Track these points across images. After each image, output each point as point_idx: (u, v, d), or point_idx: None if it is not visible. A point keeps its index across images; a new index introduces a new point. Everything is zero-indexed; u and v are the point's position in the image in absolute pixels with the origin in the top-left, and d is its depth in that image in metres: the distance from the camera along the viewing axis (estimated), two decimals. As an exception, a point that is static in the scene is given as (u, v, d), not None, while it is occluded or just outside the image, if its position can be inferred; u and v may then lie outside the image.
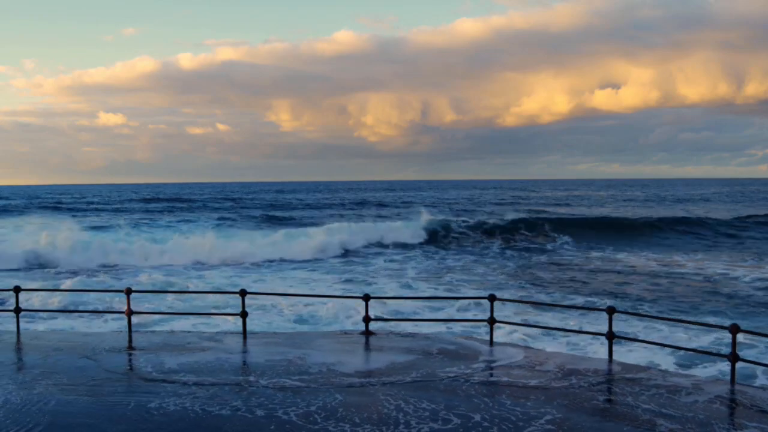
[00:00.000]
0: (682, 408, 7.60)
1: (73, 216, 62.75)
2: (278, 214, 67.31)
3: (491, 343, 10.99)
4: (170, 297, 21.48)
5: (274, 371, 9.22)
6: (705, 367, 14.09)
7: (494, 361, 9.93)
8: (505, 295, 22.15)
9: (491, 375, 9.11)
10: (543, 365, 9.55)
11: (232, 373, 9.26)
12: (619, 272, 29.78)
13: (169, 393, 8.23)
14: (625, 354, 13.55)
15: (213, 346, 11.00)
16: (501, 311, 18.60)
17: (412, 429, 6.90)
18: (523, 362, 9.74)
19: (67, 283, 26.06)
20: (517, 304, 20.29)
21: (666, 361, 14.07)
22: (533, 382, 8.65)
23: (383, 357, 10.09)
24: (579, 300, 22.70)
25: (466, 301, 20.65)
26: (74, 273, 30.23)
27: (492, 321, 11.05)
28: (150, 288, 24.95)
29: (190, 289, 24.84)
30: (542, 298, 23.03)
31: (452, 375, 9.05)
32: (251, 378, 8.90)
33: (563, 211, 69.28)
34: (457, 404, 7.71)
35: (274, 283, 27.20)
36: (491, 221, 47.59)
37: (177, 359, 9.97)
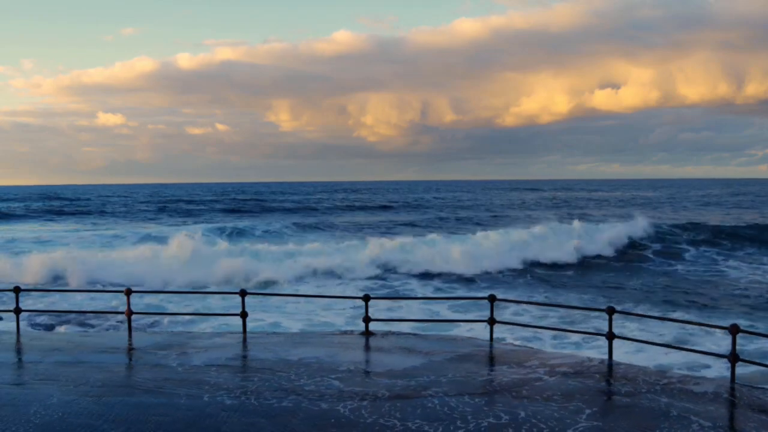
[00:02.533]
0: (701, 407, 7.64)
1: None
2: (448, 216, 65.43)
3: (491, 343, 10.99)
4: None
5: (309, 369, 9.32)
6: (705, 366, 14.10)
7: (500, 362, 9.93)
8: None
9: (503, 375, 9.09)
10: (547, 365, 9.54)
11: (270, 370, 9.29)
12: None
13: (215, 389, 8.34)
14: (627, 354, 13.56)
15: (225, 343, 11.04)
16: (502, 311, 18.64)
17: (470, 424, 7.02)
18: (528, 362, 9.72)
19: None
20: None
21: (667, 361, 14.09)
22: (545, 382, 8.67)
23: (401, 357, 10.12)
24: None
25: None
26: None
27: (492, 321, 11.05)
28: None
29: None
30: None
31: (467, 373, 9.16)
32: (292, 375, 8.98)
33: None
34: (496, 401, 7.81)
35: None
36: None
37: (200, 357, 10.02)
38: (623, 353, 13.58)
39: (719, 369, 13.65)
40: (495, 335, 11.14)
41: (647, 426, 6.98)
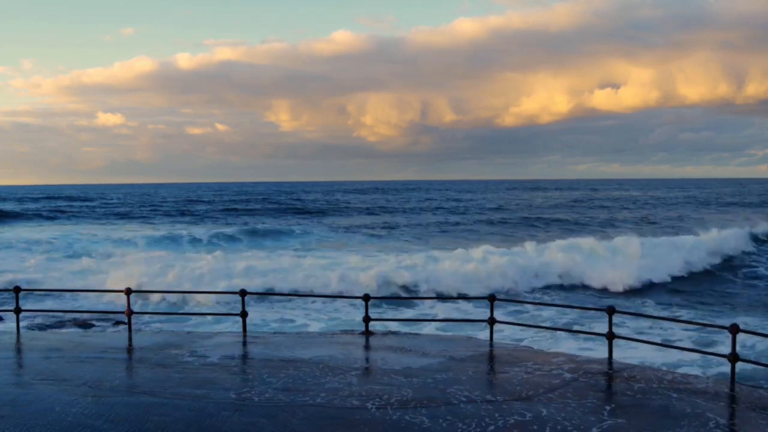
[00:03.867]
0: (711, 404, 7.72)
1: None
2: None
3: (491, 343, 10.98)
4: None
5: (325, 365, 9.45)
6: (705, 366, 14.10)
7: (507, 361, 9.93)
8: None
9: (514, 374, 9.12)
10: (554, 364, 9.60)
11: (293, 367, 9.36)
12: None
13: (237, 387, 8.46)
14: (627, 354, 13.56)
15: (229, 342, 11.06)
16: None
17: (498, 421, 7.09)
18: (534, 361, 9.76)
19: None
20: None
21: (667, 361, 14.08)
22: (555, 381, 8.72)
23: (414, 356, 10.19)
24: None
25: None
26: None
27: (492, 321, 11.04)
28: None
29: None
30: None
31: (481, 371, 9.32)
32: (317, 372, 9.07)
33: None
34: (515, 400, 7.89)
35: None
36: None
37: (204, 357, 10.11)
38: (625, 354, 13.59)
39: (720, 368, 13.64)
40: (506, 335, 11.12)
41: (668, 424, 7.05)
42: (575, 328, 17.61)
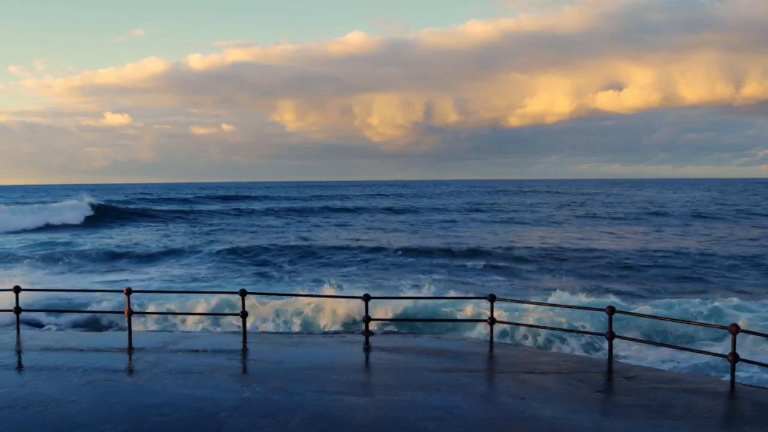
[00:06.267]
0: (709, 403, 7.77)
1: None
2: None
3: (491, 342, 10.99)
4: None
5: (325, 365, 9.59)
6: (706, 366, 14.07)
7: (510, 360, 9.98)
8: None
9: (516, 372, 9.17)
10: (554, 364, 9.62)
11: (293, 367, 9.44)
12: None
13: (241, 385, 8.58)
14: (627, 354, 13.55)
15: (232, 342, 11.04)
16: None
17: (498, 420, 7.18)
18: (536, 361, 9.79)
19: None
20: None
21: (666, 360, 14.06)
22: (556, 380, 8.76)
23: (423, 354, 10.27)
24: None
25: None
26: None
27: (492, 321, 11.04)
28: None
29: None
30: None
31: (473, 371, 9.37)
32: (317, 371, 9.17)
33: None
34: (522, 396, 8.05)
35: None
36: None
37: (216, 353, 10.21)
38: (628, 353, 13.58)
39: (719, 368, 13.63)
40: (506, 335, 11.11)
41: (668, 423, 7.09)
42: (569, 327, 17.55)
